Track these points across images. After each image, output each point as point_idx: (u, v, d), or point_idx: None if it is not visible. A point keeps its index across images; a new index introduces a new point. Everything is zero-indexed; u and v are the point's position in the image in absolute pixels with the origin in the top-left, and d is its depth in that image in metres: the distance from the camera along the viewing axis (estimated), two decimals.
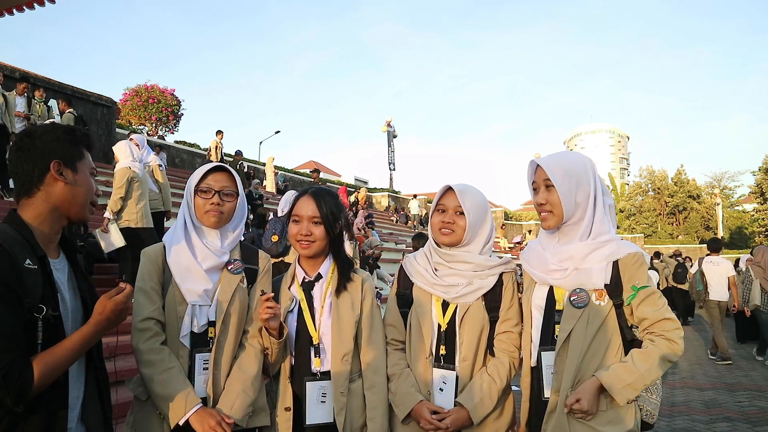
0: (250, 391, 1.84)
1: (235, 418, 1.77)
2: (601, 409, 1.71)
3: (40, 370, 1.31)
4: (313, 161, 56.74)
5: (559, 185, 1.77)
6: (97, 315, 1.43)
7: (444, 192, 2.02)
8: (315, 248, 1.95)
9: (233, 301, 1.89)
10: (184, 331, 1.83)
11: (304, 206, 1.96)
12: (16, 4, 5.78)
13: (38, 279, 1.38)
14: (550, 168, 1.79)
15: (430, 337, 1.98)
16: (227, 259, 1.94)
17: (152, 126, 19.93)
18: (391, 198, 27.08)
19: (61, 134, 1.53)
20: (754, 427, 4.96)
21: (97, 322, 1.43)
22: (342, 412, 1.88)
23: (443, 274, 2.01)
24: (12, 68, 12.18)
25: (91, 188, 1.58)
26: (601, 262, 1.76)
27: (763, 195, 44.71)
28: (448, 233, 1.98)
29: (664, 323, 1.71)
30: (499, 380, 1.93)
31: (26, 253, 1.38)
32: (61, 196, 1.50)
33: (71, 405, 1.47)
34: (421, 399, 1.92)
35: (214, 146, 15.47)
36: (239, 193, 1.98)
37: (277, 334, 1.84)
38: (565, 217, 1.80)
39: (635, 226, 48.56)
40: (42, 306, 1.36)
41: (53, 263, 1.49)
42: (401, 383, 1.97)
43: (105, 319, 1.42)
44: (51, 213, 1.50)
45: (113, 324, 1.45)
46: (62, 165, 1.49)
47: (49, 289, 1.41)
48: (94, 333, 1.43)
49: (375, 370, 1.97)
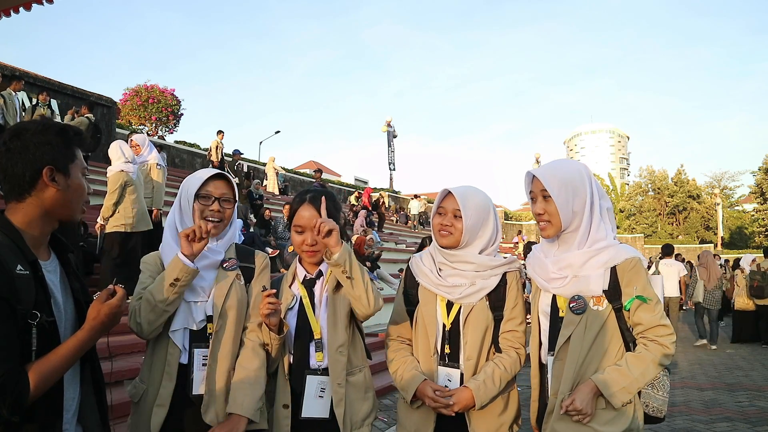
0: (256, 385, 1.85)
1: (248, 413, 1.78)
2: (600, 407, 1.75)
3: (36, 379, 1.29)
4: (313, 161, 56.81)
5: (556, 196, 1.81)
6: (91, 320, 1.42)
7: (444, 195, 2.07)
8: (321, 255, 1.96)
9: (229, 296, 1.90)
10: (176, 326, 1.84)
11: (307, 215, 1.96)
12: (15, 5, 5.79)
13: (30, 285, 1.34)
14: (546, 179, 1.82)
15: (435, 335, 2.02)
16: (222, 258, 1.95)
17: (152, 126, 19.95)
18: (391, 198, 27.12)
19: (53, 137, 1.45)
20: (754, 427, 4.96)
21: (91, 327, 1.41)
22: (341, 403, 1.89)
23: (446, 274, 2.04)
24: (12, 68, 12.20)
25: (83, 190, 1.54)
26: (598, 269, 1.80)
27: (763, 195, 44.76)
28: (446, 235, 2.02)
29: (658, 329, 1.78)
30: (503, 368, 1.95)
31: (17, 259, 1.34)
32: (53, 201, 1.45)
33: (66, 407, 1.45)
34: (425, 379, 1.96)
35: (215, 146, 15.49)
36: (236, 199, 2.02)
37: (276, 330, 1.86)
38: (563, 226, 1.84)
39: (635, 226, 48.62)
40: (36, 312, 1.33)
41: (44, 265, 1.45)
42: (405, 368, 2.02)
43: (99, 323, 1.41)
44: (42, 217, 1.45)
45: (108, 328, 1.44)
46: (54, 170, 1.43)
47: (42, 294, 1.38)
48: (88, 338, 1.41)
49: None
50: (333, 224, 1.81)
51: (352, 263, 1.83)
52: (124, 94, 19.69)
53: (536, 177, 1.86)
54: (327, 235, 1.79)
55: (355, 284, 1.84)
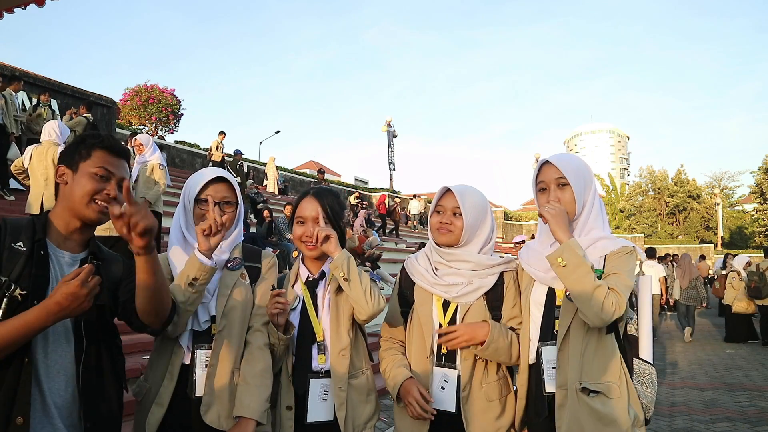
0: (262, 386, 1.83)
1: (255, 414, 1.76)
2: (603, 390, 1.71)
3: None
4: (313, 161, 56.78)
5: (574, 183, 1.82)
6: (47, 299, 1.35)
7: (443, 193, 2.05)
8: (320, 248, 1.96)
9: (233, 295, 1.88)
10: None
11: (308, 207, 1.98)
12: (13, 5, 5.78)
13: (19, 259, 1.45)
14: (563, 166, 1.83)
15: (431, 336, 1.99)
16: (227, 258, 1.93)
17: (152, 126, 19.95)
18: (391, 198, 27.10)
19: (80, 141, 1.64)
20: (754, 427, 4.96)
21: (44, 305, 1.34)
22: (342, 407, 1.88)
23: (443, 273, 2.02)
24: (12, 68, 12.19)
25: (86, 186, 1.56)
26: (595, 257, 1.79)
27: (763, 195, 44.73)
28: (445, 233, 2.00)
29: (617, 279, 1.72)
30: (513, 335, 1.93)
31: (23, 236, 1.48)
32: (64, 196, 1.60)
33: (59, 413, 1.45)
34: (410, 377, 1.94)
35: (215, 146, 15.48)
36: (239, 201, 1.98)
37: (283, 330, 1.85)
38: (575, 215, 1.84)
39: (635, 226, 48.57)
40: (11, 283, 1.39)
41: (61, 253, 1.56)
42: (393, 365, 2.01)
43: (53, 303, 1.33)
44: (63, 212, 1.59)
45: (67, 311, 1.35)
46: (66, 168, 1.61)
47: (30, 270, 1.45)
48: (37, 315, 1.34)
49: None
50: (330, 230, 1.87)
51: (350, 266, 1.85)
52: (124, 94, 19.70)
53: (549, 166, 1.86)
54: (325, 241, 1.84)
55: (353, 286, 1.85)
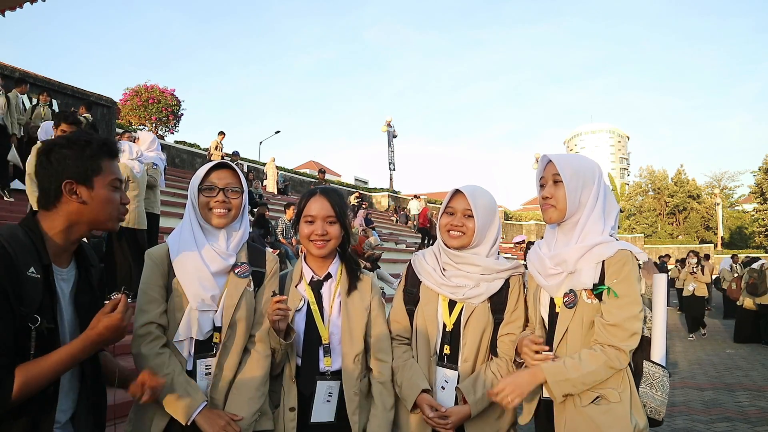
0: (255, 398, 1.82)
1: (242, 426, 1.76)
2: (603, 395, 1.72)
3: (21, 379, 1.29)
4: (313, 161, 56.78)
5: (567, 181, 1.82)
6: (88, 330, 1.39)
7: (453, 194, 2.05)
8: (330, 247, 1.96)
9: (240, 306, 1.86)
10: (180, 336, 1.81)
11: (318, 206, 1.96)
12: (12, 5, 5.78)
13: (38, 288, 1.36)
14: (560, 164, 1.84)
15: (435, 336, 2.00)
16: (234, 262, 1.90)
17: (152, 126, 19.92)
18: (391, 198, 27.09)
19: (76, 150, 1.46)
20: (754, 427, 4.97)
21: (87, 336, 1.39)
22: (356, 411, 1.88)
23: (451, 274, 2.02)
24: (12, 68, 12.19)
25: (109, 202, 1.52)
26: (591, 263, 1.79)
27: (763, 195, 44.76)
28: (457, 236, 2.00)
29: (617, 330, 1.70)
30: (500, 377, 1.93)
31: (31, 261, 1.36)
32: (76, 213, 1.47)
33: (58, 417, 1.44)
34: (424, 388, 1.93)
35: (214, 146, 15.49)
36: (244, 189, 1.96)
37: (284, 336, 1.83)
38: (567, 214, 1.84)
39: (635, 226, 48.63)
40: (37, 317, 1.33)
41: (59, 272, 1.47)
42: (405, 374, 1.98)
43: (96, 334, 1.39)
44: (67, 227, 1.48)
45: (107, 340, 1.41)
46: (75, 183, 1.45)
47: (48, 299, 1.38)
48: (82, 348, 1.39)
49: (381, 370, 1.98)
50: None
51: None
52: (124, 94, 19.70)
53: (551, 162, 1.87)
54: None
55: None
